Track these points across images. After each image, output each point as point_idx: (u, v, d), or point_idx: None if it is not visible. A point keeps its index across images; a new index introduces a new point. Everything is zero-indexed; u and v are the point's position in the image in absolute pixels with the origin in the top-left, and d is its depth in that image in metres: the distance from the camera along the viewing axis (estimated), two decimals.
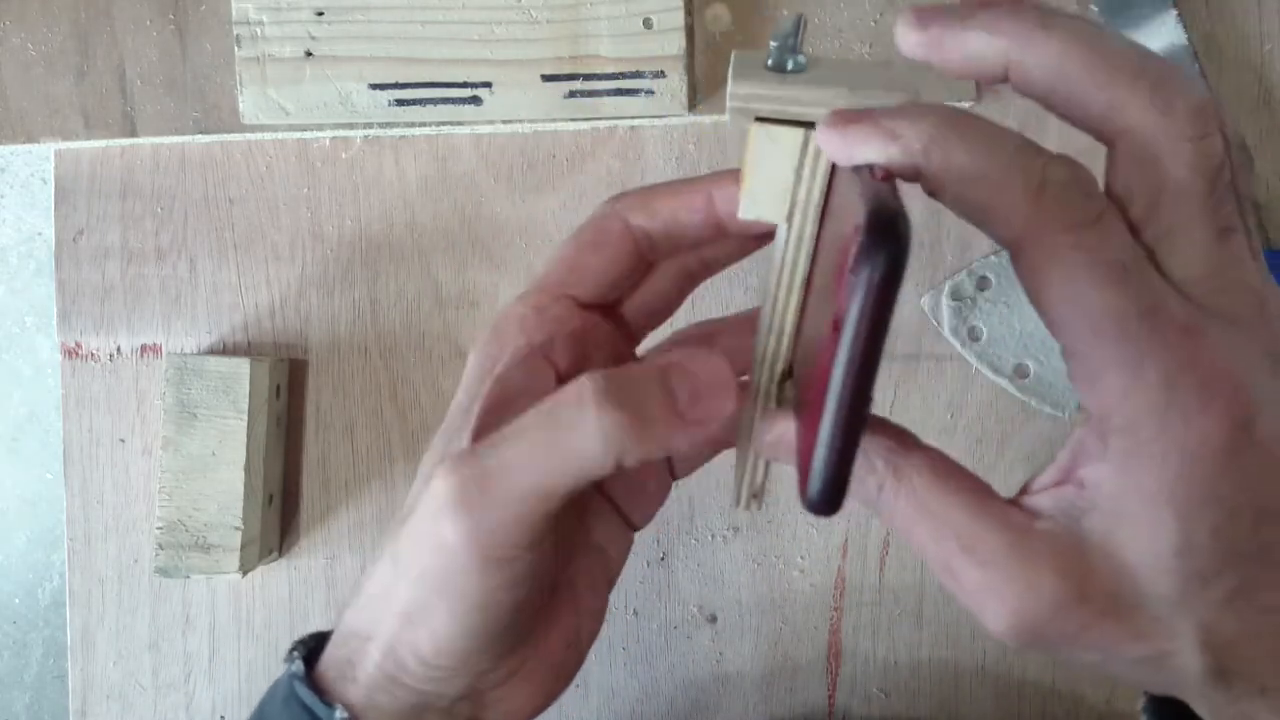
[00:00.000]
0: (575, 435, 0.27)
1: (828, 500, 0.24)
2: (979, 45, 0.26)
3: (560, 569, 0.33)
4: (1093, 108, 0.25)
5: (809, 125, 0.27)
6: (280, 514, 0.54)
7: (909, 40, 0.26)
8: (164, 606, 0.55)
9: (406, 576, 0.29)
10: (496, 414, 0.30)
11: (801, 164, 0.28)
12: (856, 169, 0.25)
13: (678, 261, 0.34)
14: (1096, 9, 0.52)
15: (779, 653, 0.54)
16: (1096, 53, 0.25)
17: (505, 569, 0.28)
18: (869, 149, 0.25)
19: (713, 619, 0.54)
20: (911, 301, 0.53)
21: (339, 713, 0.30)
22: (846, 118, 0.25)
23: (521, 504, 0.27)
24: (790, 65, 0.28)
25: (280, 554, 0.55)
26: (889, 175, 0.24)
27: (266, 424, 0.52)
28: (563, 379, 0.31)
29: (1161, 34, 0.50)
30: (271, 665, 0.55)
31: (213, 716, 0.55)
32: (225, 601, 0.55)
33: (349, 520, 0.55)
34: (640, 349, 0.35)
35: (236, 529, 0.50)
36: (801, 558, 0.54)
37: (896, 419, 0.31)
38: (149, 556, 0.53)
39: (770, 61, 0.28)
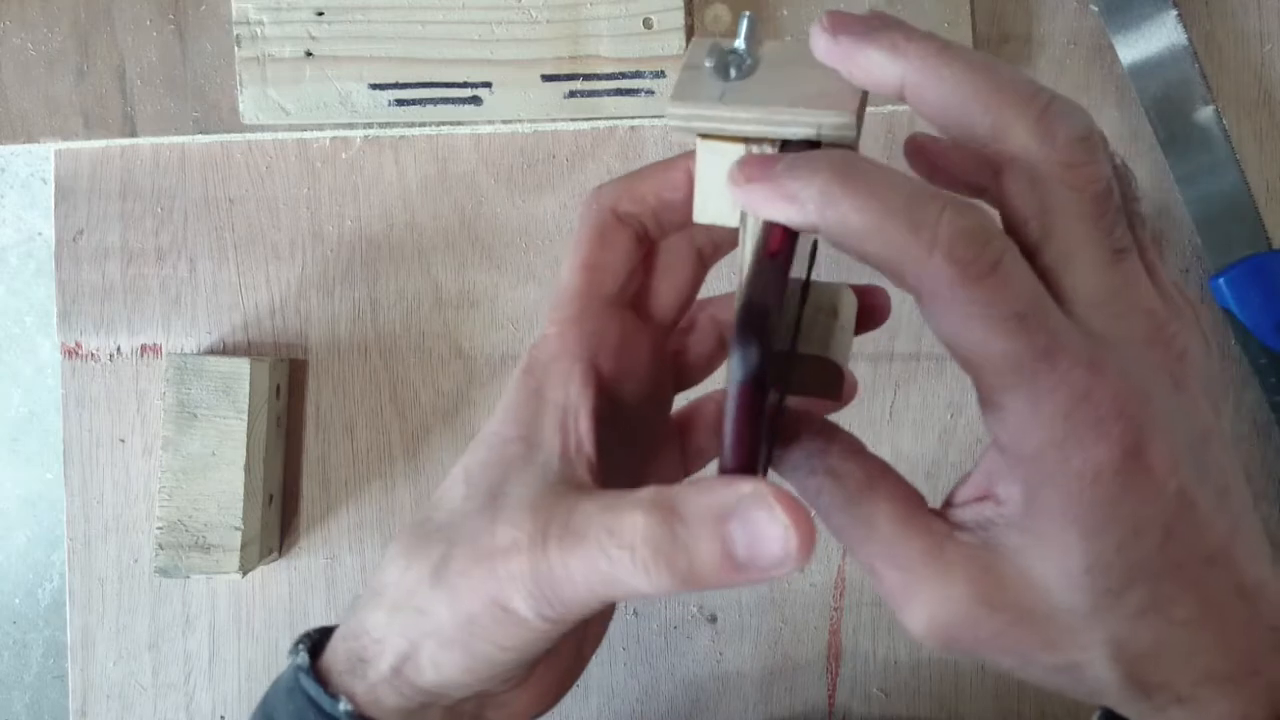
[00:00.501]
0: (631, 579, 0.27)
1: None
2: (880, 64, 0.27)
3: None
4: (980, 132, 0.27)
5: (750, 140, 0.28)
6: (280, 514, 0.54)
7: (819, 44, 0.28)
8: (164, 606, 0.55)
9: (453, 607, 0.29)
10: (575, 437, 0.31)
11: None
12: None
13: (686, 244, 0.34)
14: (1096, 9, 0.52)
15: (779, 653, 0.54)
16: (987, 81, 0.26)
17: (557, 631, 0.29)
18: (772, 210, 0.26)
19: (713, 619, 0.54)
20: (911, 300, 0.53)
21: (343, 704, 0.31)
22: (749, 174, 0.27)
23: (587, 608, 0.28)
24: (733, 73, 0.29)
25: (280, 554, 0.55)
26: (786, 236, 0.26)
27: (266, 424, 0.52)
28: (611, 384, 0.32)
29: (1161, 33, 0.50)
30: (272, 665, 0.55)
31: (213, 716, 0.55)
32: (225, 601, 0.55)
33: (349, 520, 0.55)
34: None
35: (236, 529, 0.50)
36: None
37: (896, 419, 0.31)
38: (149, 556, 0.53)
39: (710, 64, 0.29)
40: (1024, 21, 0.53)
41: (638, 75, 0.50)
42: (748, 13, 0.29)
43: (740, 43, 0.29)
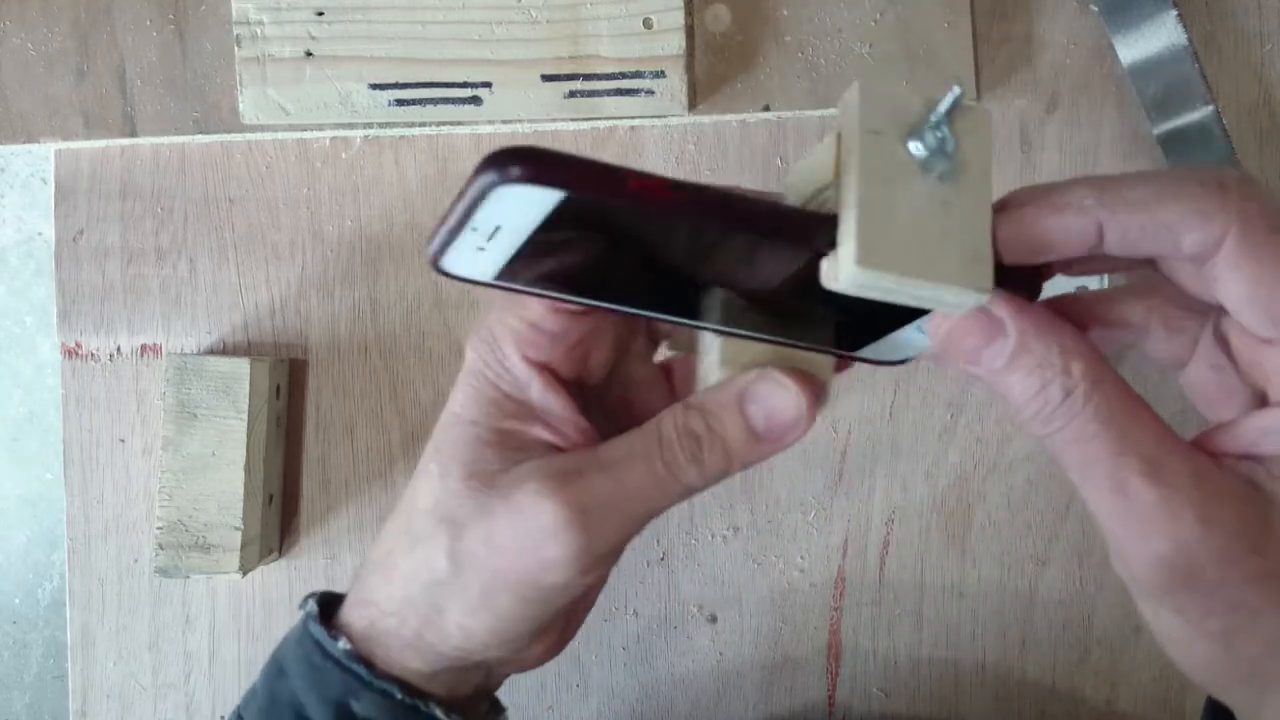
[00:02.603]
0: (683, 474, 0.30)
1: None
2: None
3: None
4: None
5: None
6: (280, 514, 0.54)
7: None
8: (164, 606, 0.55)
9: (478, 572, 0.31)
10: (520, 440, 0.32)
11: None
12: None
13: None
14: (1096, 9, 0.52)
15: (779, 652, 0.54)
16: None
17: (590, 576, 0.30)
18: (1056, 226, 0.26)
19: (713, 619, 0.54)
20: None
21: (341, 644, 0.33)
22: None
23: (636, 526, 0.30)
24: (939, 170, 0.24)
25: (280, 554, 0.55)
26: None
27: (266, 424, 0.52)
28: (568, 382, 0.32)
29: (1161, 34, 0.50)
30: None
31: (213, 716, 0.55)
32: (225, 601, 0.55)
33: (349, 520, 0.55)
34: None
35: (236, 529, 0.50)
36: (801, 557, 0.54)
37: (896, 419, 0.31)
38: (149, 556, 0.53)
39: (917, 151, 0.24)
40: (1024, 21, 0.53)
41: (638, 75, 0.50)
42: (957, 88, 0.24)
43: (942, 126, 0.24)
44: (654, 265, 0.27)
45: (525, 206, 0.23)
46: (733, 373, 0.30)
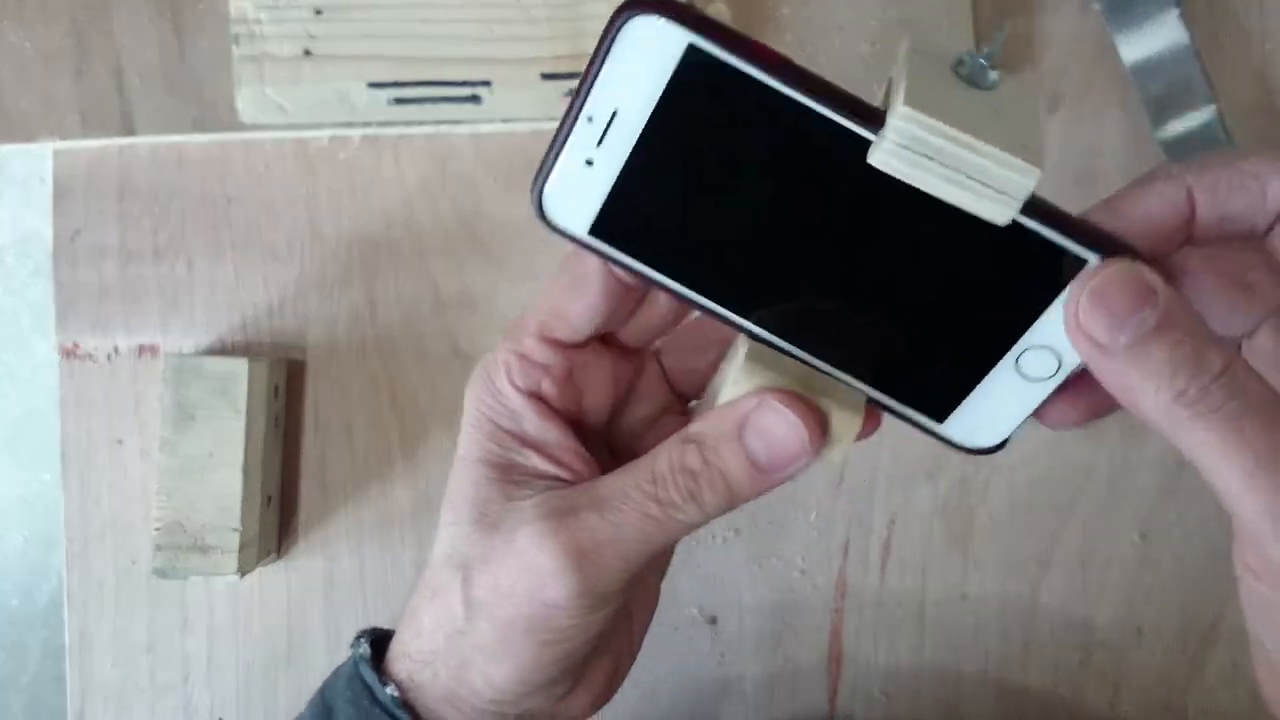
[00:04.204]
0: (681, 514, 0.29)
1: None
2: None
3: None
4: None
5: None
6: (278, 515, 0.54)
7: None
8: (162, 608, 0.54)
9: (490, 618, 0.30)
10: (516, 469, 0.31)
11: None
12: None
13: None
14: (1098, 8, 0.52)
15: (780, 655, 0.54)
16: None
17: (600, 614, 0.30)
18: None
19: (713, 621, 0.54)
20: None
21: (390, 689, 0.32)
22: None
23: (636, 565, 0.30)
24: (985, 87, 0.25)
25: (278, 555, 0.54)
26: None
27: (265, 425, 0.52)
28: (565, 416, 0.32)
29: (1164, 32, 0.50)
30: (270, 667, 0.54)
31: (210, 718, 0.54)
32: (223, 603, 0.54)
33: (347, 521, 0.54)
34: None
35: (234, 530, 0.49)
36: (802, 559, 0.54)
37: (898, 419, 0.31)
38: (147, 558, 0.53)
39: (961, 71, 0.25)
40: (1026, 20, 0.53)
41: None
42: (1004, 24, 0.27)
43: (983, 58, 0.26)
44: (735, 215, 0.27)
45: (647, 65, 0.24)
46: (750, 386, 0.29)
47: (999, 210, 0.24)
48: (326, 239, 0.54)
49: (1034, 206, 0.25)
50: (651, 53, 0.24)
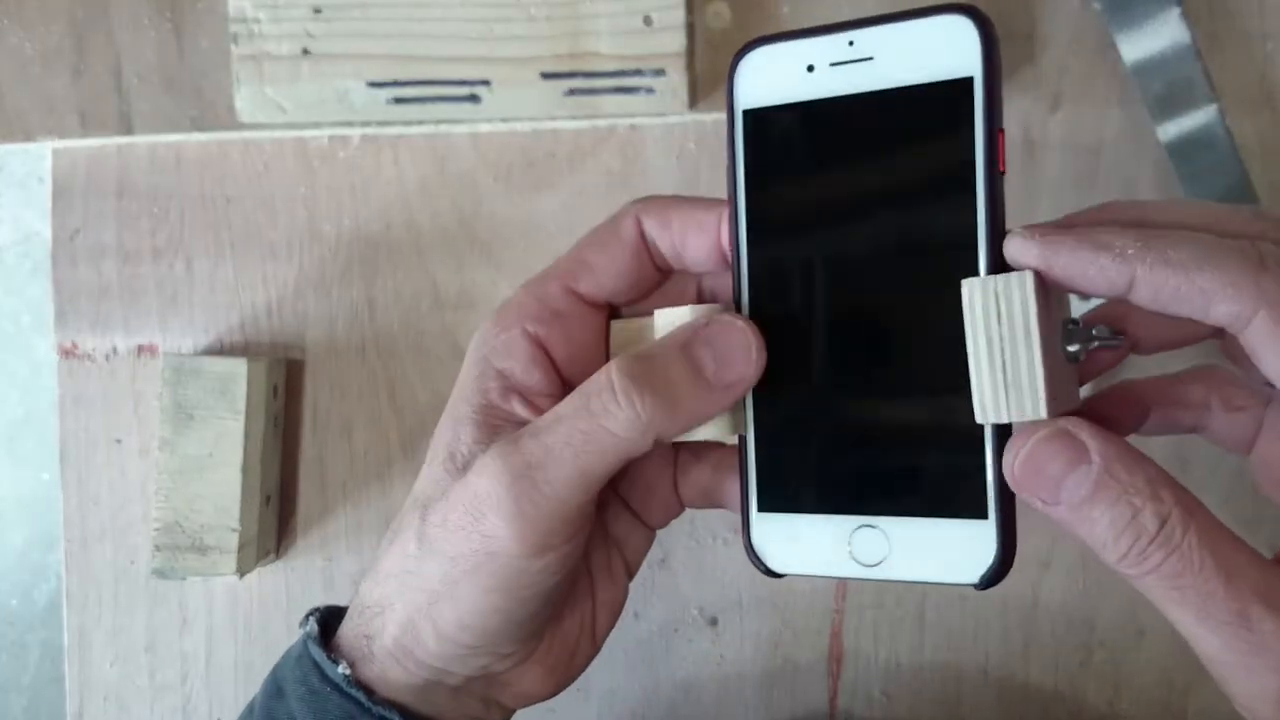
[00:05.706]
0: (612, 420, 0.28)
1: None
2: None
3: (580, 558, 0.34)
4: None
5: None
6: (277, 515, 0.54)
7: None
8: (161, 608, 0.54)
9: (437, 556, 0.30)
10: (496, 411, 0.31)
11: None
12: None
13: (694, 280, 0.34)
14: (1099, 7, 0.51)
15: (780, 655, 0.54)
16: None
17: (544, 558, 0.29)
18: (1083, 264, 0.26)
19: (713, 621, 0.54)
20: None
21: (342, 668, 0.32)
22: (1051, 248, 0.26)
23: (570, 492, 0.29)
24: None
25: (277, 555, 0.54)
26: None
27: (263, 424, 0.52)
28: (558, 371, 0.32)
29: (1165, 31, 0.50)
30: (269, 667, 0.54)
31: (209, 718, 0.54)
32: (222, 603, 0.54)
33: (346, 521, 0.54)
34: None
35: (233, 530, 0.49)
36: None
37: None
38: (146, 558, 0.53)
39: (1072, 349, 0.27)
40: (1026, 20, 0.53)
41: (638, 73, 0.50)
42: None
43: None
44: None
45: None
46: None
47: (992, 406, 0.26)
48: (325, 238, 0.54)
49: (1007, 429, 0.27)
50: None
